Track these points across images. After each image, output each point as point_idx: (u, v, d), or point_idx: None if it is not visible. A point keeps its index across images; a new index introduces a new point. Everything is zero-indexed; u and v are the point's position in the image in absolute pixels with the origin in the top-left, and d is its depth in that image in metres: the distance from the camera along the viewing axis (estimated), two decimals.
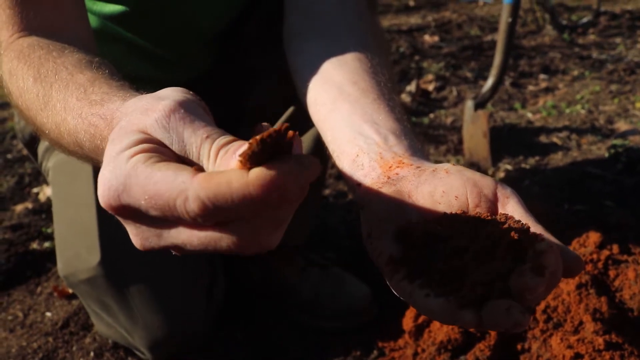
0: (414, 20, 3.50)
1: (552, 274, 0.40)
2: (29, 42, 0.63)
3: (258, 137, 0.32)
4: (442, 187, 0.50)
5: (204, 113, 0.42)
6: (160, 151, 0.39)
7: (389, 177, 0.54)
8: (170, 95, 0.43)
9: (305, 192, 0.35)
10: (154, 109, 0.41)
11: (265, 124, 0.42)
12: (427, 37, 3.10)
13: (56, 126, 0.55)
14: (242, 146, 0.35)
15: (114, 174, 0.38)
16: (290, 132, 0.34)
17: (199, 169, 0.35)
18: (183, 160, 0.40)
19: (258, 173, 0.32)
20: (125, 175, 0.37)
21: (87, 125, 0.49)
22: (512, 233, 0.43)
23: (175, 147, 0.40)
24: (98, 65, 0.57)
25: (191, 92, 0.44)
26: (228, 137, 0.38)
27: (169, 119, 0.40)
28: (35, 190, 1.79)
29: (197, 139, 0.39)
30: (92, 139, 0.49)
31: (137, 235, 0.40)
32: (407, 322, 1.07)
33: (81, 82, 0.53)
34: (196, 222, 0.35)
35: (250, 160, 0.33)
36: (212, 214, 0.33)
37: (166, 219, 0.37)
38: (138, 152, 0.38)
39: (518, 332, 0.38)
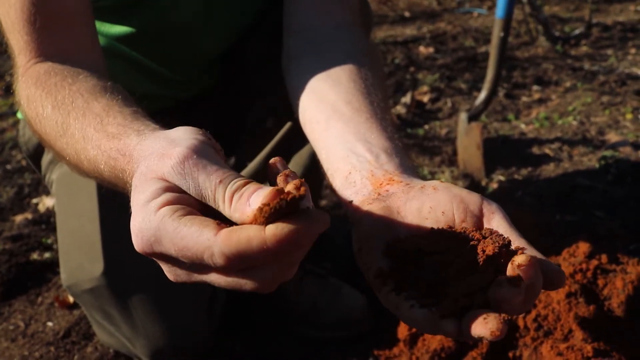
0: (409, 31, 3.54)
1: (530, 285, 0.43)
2: (45, 69, 0.66)
3: (271, 203, 0.37)
4: (429, 203, 0.53)
5: (214, 154, 0.46)
6: (183, 200, 0.43)
7: (379, 194, 0.56)
8: (183, 138, 0.46)
9: (315, 239, 0.41)
10: (170, 155, 0.45)
11: (277, 160, 0.46)
12: (422, 49, 3.14)
13: (76, 153, 0.58)
14: (254, 193, 0.40)
15: (144, 225, 0.42)
16: (303, 189, 0.38)
17: (220, 222, 0.40)
18: (202, 204, 0.44)
19: (273, 230, 0.37)
20: (154, 228, 0.42)
21: (106, 158, 0.53)
22: (494, 247, 0.46)
23: (192, 192, 0.44)
24: (111, 91, 0.60)
25: (201, 131, 0.48)
26: (240, 181, 0.42)
27: (184, 165, 0.44)
28: (34, 200, 1.80)
29: (211, 184, 0.43)
30: (112, 170, 0.53)
31: (170, 272, 0.45)
32: (402, 330, 1.10)
33: (97, 112, 0.57)
34: (222, 271, 0.41)
35: (267, 220, 0.37)
36: (236, 266, 0.39)
37: (195, 265, 0.42)
38: (164, 203, 0.42)
39: (496, 340, 0.41)
